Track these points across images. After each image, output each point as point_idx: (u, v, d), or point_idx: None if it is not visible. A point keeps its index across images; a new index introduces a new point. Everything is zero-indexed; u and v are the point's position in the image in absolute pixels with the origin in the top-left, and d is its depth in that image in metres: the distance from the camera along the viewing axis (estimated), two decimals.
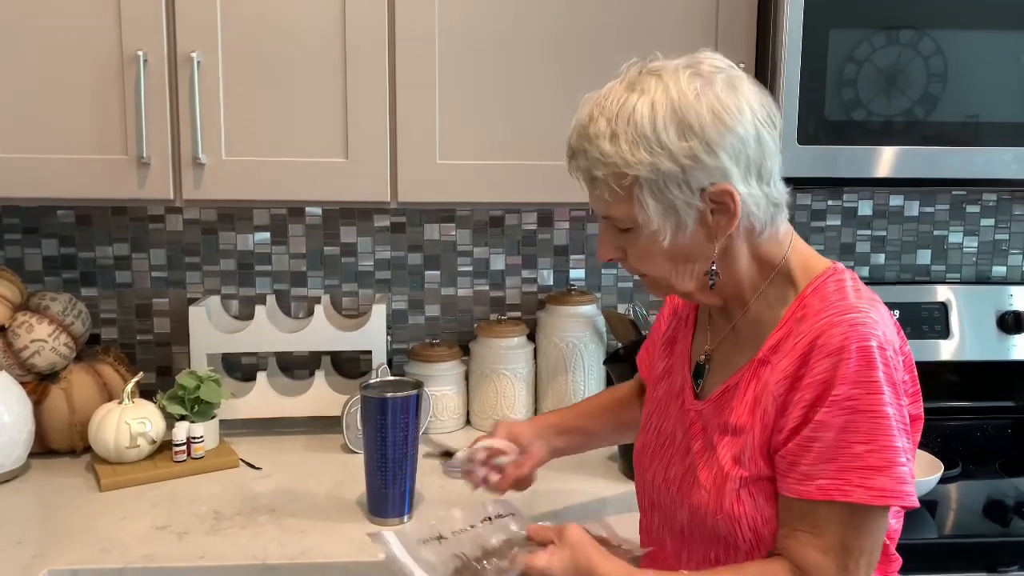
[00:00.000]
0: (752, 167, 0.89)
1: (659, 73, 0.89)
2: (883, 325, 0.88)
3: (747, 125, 0.88)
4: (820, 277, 0.94)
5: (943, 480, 1.36)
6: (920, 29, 1.38)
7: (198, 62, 1.38)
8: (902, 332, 0.94)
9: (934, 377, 1.78)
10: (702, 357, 1.04)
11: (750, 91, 0.90)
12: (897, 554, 0.99)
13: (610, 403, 1.28)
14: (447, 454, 1.17)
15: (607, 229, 0.96)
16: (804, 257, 0.97)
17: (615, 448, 1.51)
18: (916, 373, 0.96)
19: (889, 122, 1.40)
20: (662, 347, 1.12)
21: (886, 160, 1.42)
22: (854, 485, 0.85)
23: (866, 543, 0.87)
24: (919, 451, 1.38)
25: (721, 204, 0.89)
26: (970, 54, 1.39)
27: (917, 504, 0.87)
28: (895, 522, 0.96)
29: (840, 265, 0.97)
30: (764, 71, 1.42)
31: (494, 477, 1.16)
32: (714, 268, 0.93)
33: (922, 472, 1.35)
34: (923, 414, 0.96)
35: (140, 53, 1.36)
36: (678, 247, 0.92)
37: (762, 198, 0.91)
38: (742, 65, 1.40)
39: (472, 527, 1.04)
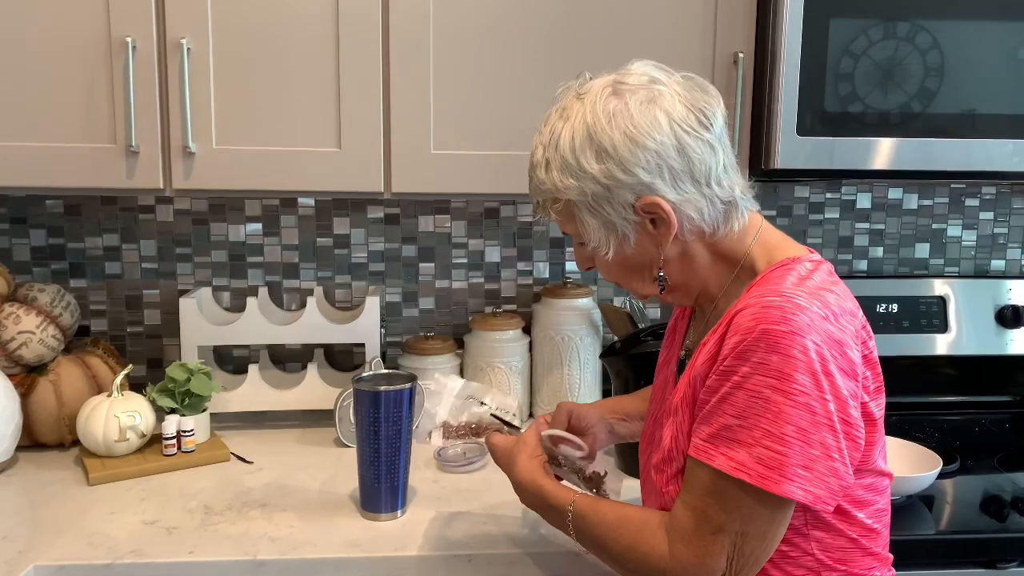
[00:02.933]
0: (681, 175, 0.91)
1: (583, 97, 0.94)
2: (811, 313, 0.84)
3: (663, 137, 0.90)
4: (775, 266, 0.93)
5: (941, 475, 1.34)
6: (918, 20, 1.37)
7: (188, 49, 1.36)
8: (868, 327, 0.93)
9: (932, 371, 1.80)
10: (683, 352, 1.06)
11: (672, 102, 0.92)
12: (887, 553, 0.98)
13: None
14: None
15: (575, 244, 1.02)
16: (770, 248, 0.96)
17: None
18: (880, 370, 0.94)
19: (887, 114, 1.39)
20: (666, 337, 1.14)
21: (885, 152, 1.40)
22: (719, 452, 0.86)
23: (729, 522, 0.85)
24: (916, 446, 1.39)
25: (655, 215, 0.92)
26: (967, 46, 1.38)
27: (799, 498, 0.82)
28: (872, 520, 0.94)
29: (811, 255, 0.95)
30: (763, 61, 1.41)
31: None
32: (661, 274, 0.96)
33: (920, 467, 1.34)
34: (877, 416, 0.93)
35: (128, 39, 1.34)
36: (627, 257, 0.96)
37: (702, 201, 0.92)
38: (741, 54, 1.41)
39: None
